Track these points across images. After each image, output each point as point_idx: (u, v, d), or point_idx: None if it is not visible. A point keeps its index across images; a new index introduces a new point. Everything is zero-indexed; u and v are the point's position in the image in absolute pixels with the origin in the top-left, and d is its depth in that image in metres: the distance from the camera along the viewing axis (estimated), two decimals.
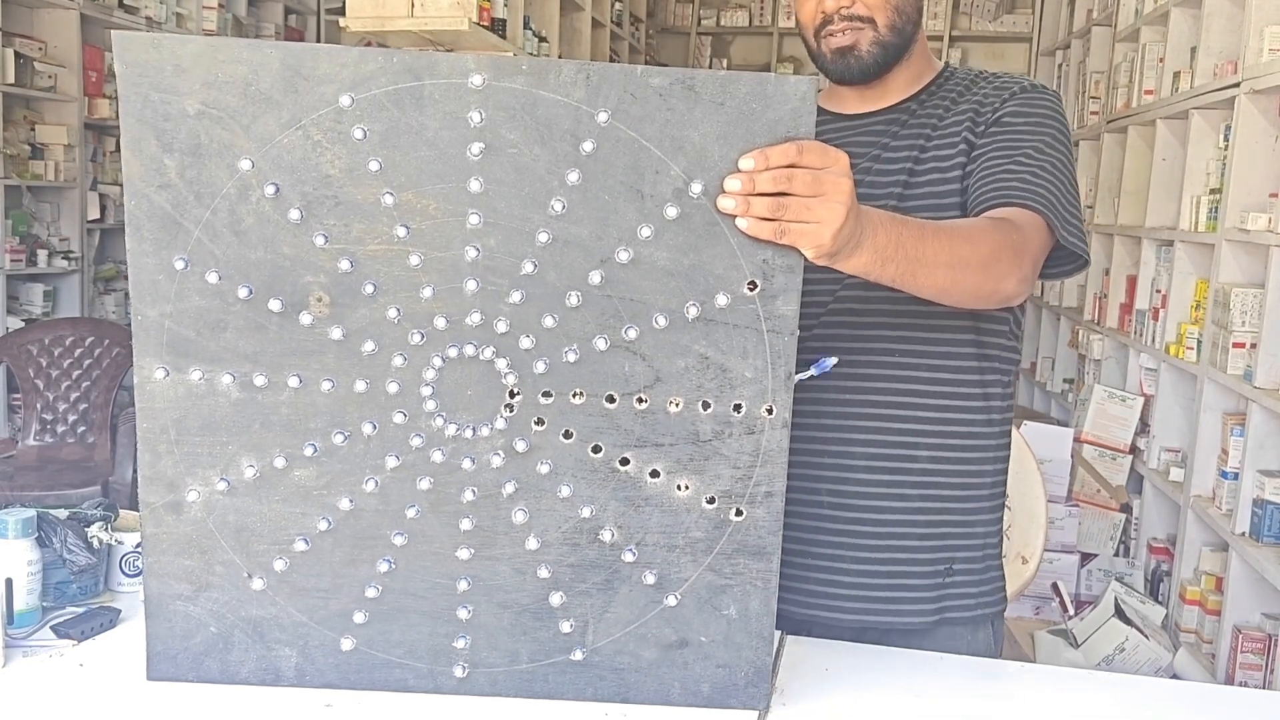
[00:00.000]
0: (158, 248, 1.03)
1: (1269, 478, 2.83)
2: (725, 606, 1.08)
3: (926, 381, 1.31)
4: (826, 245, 0.98)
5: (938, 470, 1.32)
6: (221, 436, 1.06)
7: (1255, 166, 3.10)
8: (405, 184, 1.01)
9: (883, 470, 1.31)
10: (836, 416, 1.32)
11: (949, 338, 1.32)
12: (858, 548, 1.32)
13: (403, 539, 1.07)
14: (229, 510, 1.07)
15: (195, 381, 1.05)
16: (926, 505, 1.32)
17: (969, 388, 1.33)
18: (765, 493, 1.06)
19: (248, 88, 1.00)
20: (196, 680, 1.09)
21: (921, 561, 1.32)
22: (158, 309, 1.04)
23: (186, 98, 1.00)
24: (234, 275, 1.03)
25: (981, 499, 1.36)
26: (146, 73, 1.00)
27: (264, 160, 1.01)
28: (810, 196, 0.96)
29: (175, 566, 1.08)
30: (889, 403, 1.31)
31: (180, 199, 1.02)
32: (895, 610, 1.32)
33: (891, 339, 1.31)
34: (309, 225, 1.02)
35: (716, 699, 1.09)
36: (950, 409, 1.32)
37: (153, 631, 1.09)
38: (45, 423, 3.78)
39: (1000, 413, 1.36)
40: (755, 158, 0.97)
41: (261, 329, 1.04)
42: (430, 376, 1.05)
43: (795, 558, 1.33)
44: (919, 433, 1.31)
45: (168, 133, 1.01)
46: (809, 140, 0.98)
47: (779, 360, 1.04)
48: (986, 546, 1.36)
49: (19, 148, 4.85)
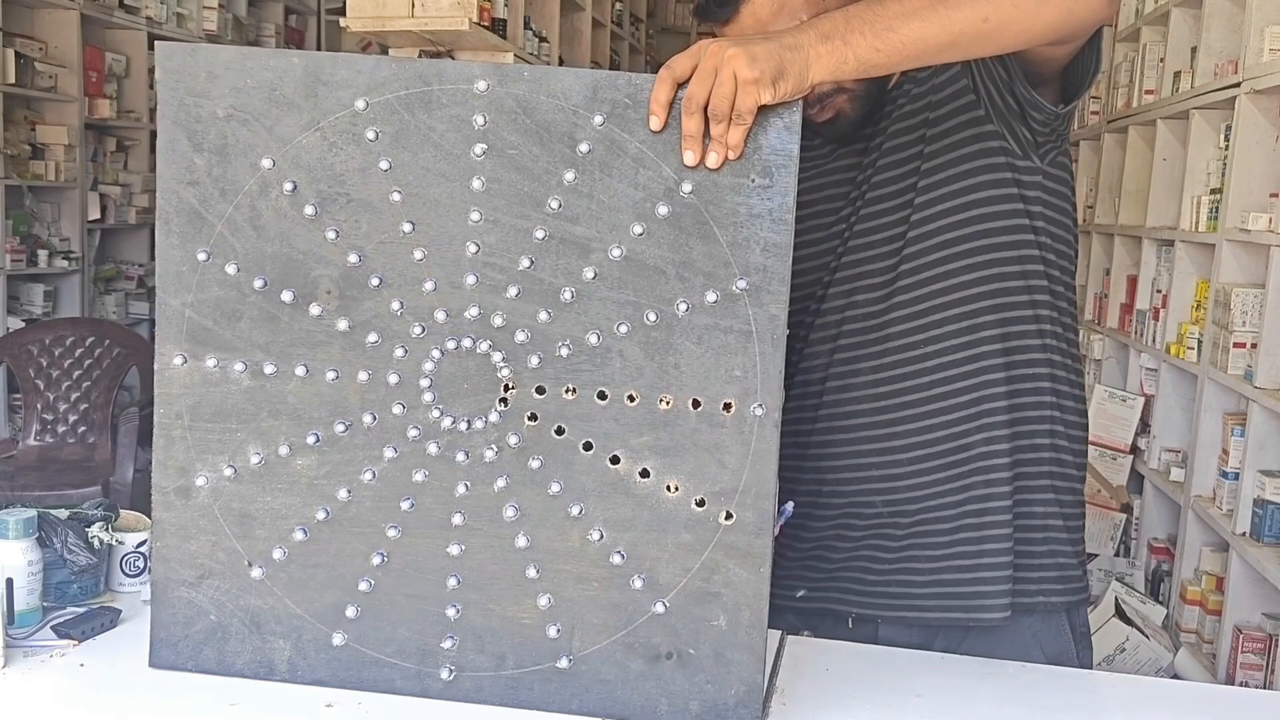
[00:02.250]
0: (184, 241, 1.09)
1: (1269, 478, 2.83)
2: (714, 616, 1.07)
3: (951, 367, 1.26)
4: (755, 73, 0.98)
5: (997, 451, 1.26)
6: (231, 423, 1.10)
7: (1256, 166, 3.10)
8: (412, 182, 1.06)
9: (935, 469, 1.27)
10: (873, 424, 1.28)
11: (970, 324, 1.25)
12: (924, 546, 1.28)
13: (396, 532, 1.09)
14: (234, 497, 1.11)
15: (210, 369, 1.10)
16: (986, 492, 1.26)
17: (998, 371, 1.26)
18: (755, 494, 1.06)
19: (272, 92, 1.07)
20: (195, 670, 1.11)
21: (990, 553, 1.26)
22: (180, 298, 1.09)
23: (217, 101, 1.07)
24: (251, 267, 1.09)
25: (1038, 478, 1.29)
26: (183, 79, 1.08)
27: (284, 159, 1.07)
28: (715, 86, 0.98)
29: (181, 551, 1.11)
30: (928, 397, 1.26)
31: (206, 195, 1.08)
32: (973, 605, 1.27)
33: (907, 336, 1.27)
34: (322, 220, 1.08)
35: (705, 718, 1.08)
36: (998, 381, 1.26)
37: (157, 618, 1.12)
38: (46, 423, 3.79)
39: (1051, 366, 1.28)
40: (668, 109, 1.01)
41: (273, 319, 1.09)
42: (429, 368, 1.08)
43: (868, 562, 1.30)
44: (967, 417, 1.26)
45: (199, 134, 1.08)
46: (665, 71, 1.01)
47: (768, 359, 1.05)
48: (1049, 529, 1.30)
49: (19, 148, 4.86)
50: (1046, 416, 1.29)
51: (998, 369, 1.26)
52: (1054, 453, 1.30)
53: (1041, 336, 1.28)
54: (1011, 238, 1.26)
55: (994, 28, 1.04)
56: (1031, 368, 1.28)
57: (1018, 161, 1.26)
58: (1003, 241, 1.26)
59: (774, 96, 0.99)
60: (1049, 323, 1.29)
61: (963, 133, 1.25)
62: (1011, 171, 1.25)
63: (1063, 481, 1.31)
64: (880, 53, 1.03)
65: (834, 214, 1.32)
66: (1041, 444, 1.29)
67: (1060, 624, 1.31)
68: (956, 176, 1.25)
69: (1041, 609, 1.30)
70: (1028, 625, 1.29)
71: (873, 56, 1.03)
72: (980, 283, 1.26)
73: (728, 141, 1.01)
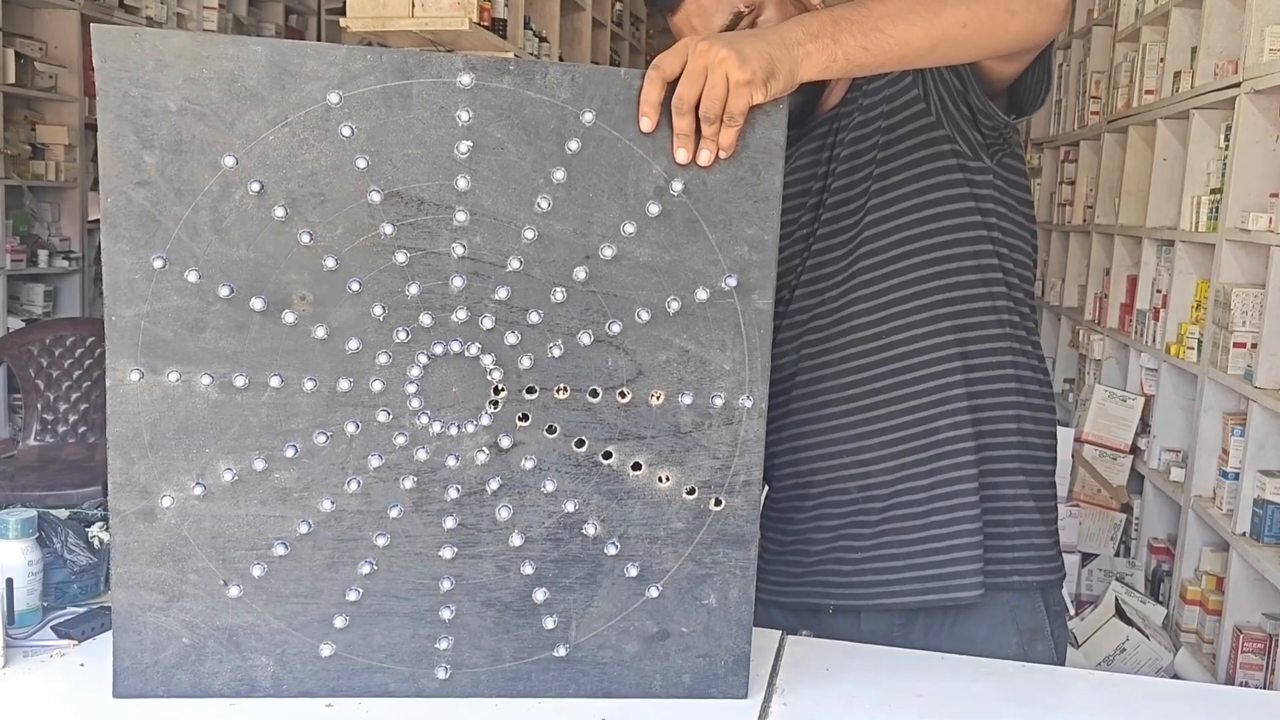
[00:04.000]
0: (135, 246, 1.00)
1: (1269, 478, 2.83)
2: (705, 596, 1.10)
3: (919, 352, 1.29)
4: (747, 75, 0.98)
5: (960, 436, 1.29)
6: (199, 440, 1.03)
7: (1256, 166, 3.10)
8: (393, 181, 1.01)
9: (904, 452, 1.30)
10: (843, 413, 1.31)
11: (919, 304, 1.29)
12: (897, 531, 1.31)
13: (385, 540, 1.06)
14: (205, 516, 1.04)
15: (172, 383, 1.02)
16: (953, 474, 1.29)
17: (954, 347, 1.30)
18: (743, 482, 1.08)
19: (232, 84, 0.99)
20: (166, 695, 1.06)
21: (962, 534, 1.29)
22: (134, 309, 1.01)
23: (168, 93, 0.99)
24: (215, 274, 1.01)
25: (1006, 461, 1.32)
26: (126, 67, 0.99)
27: (248, 157, 1.00)
28: (706, 89, 0.98)
29: (147, 576, 1.04)
30: (895, 383, 1.29)
31: (160, 197, 1.00)
32: (948, 585, 1.29)
33: (869, 329, 1.30)
34: (293, 223, 1.01)
35: (698, 689, 1.11)
36: (958, 369, 1.29)
37: (120, 646, 1.05)
38: (46, 423, 3.78)
39: (1013, 354, 1.32)
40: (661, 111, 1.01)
41: (242, 328, 1.02)
42: (415, 374, 1.05)
43: (843, 553, 1.32)
44: (932, 403, 1.29)
45: (147, 129, 0.99)
46: (654, 71, 1.00)
47: (755, 352, 1.07)
48: (1020, 510, 1.32)
49: (19, 148, 4.86)
50: (1012, 403, 1.32)
51: (955, 358, 1.30)
52: (1021, 436, 1.33)
53: (1001, 326, 1.32)
54: (966, 234, 1.30)
55: (970, 34, 1.08)
56: (993, 356, 1.31)
57: (969, 162, 1.30)
58: (957, 238, 1.30)
59: (765, 96, 1.00)
60: (1007, 313, 1.33)
61: (915, 138, 1.30)
62: (963, 172, 1.30)
63: (1032, 464, 1.35)
64: (868, 53, 1.05)
65: (796, 223, 1.36)
66: (1008, 429, 1.32)
67: (1035, 601, 1.35)
68: (910, 179, 1.29)
69: (1017, 586, 1.33)
70: (1004, 601, 1.32)
71: (860, 56, 1.05)
72: (936, 277, 1.29)
73: (720, 142, 1.02)
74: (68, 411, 3.80)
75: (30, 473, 3.57)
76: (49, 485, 3.44)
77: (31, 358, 3.80)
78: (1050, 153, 6.15)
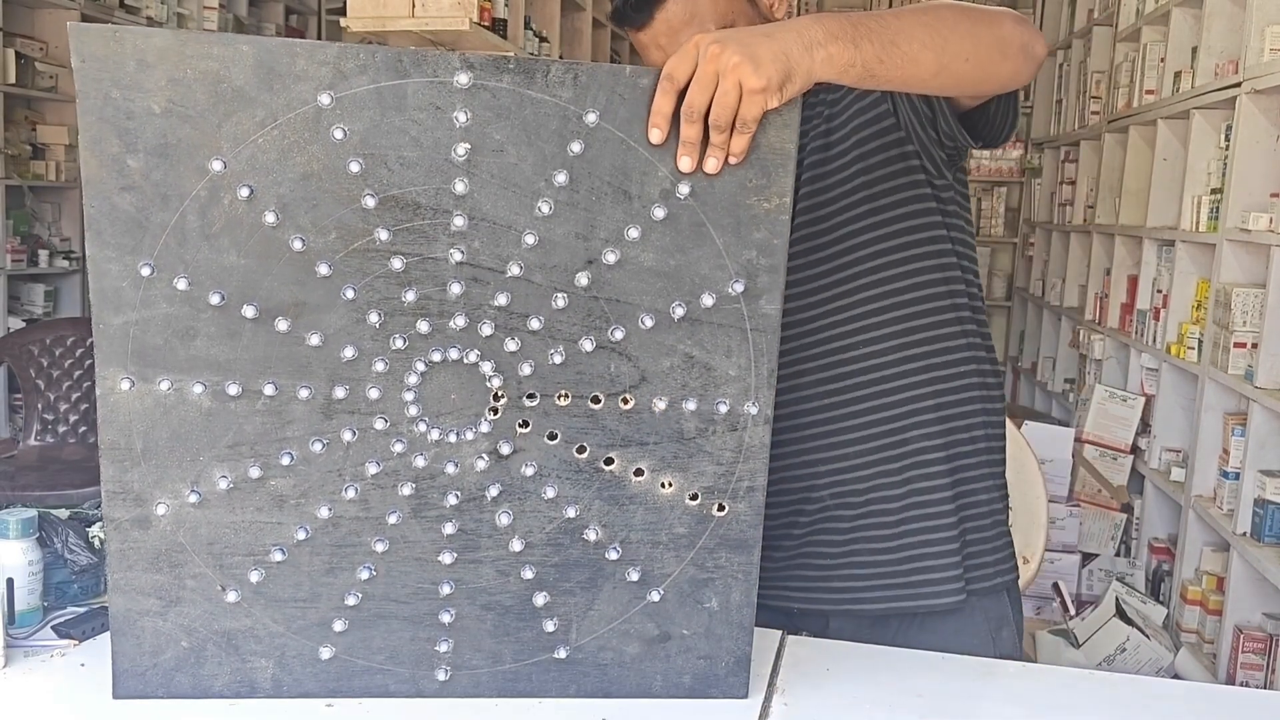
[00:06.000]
0: (121, 253, 0.98)
1: (1270, 478, 2.83)
2: (707, 599, 1.09)
3: (893, 363, 1.32)
4: (762, 82, 0.94)
5: (931, 447, 1.32)
6: (192, 448, 1.02)
7: (1256, 166, 3.10)
8: (388, 185, 0.98)
9: (878, 461, 1.31)
10: (819, 422, 1.32)
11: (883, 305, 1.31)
12: (869, 540, 1.32)
13: (384, 545, 1.05)
14: (200, 523, 1.03)
15: (164, 392, 1.00)
16: (926, 484, 1.32)
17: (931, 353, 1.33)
18: (747, 487, 1.07)
19: (219, 85, 0.95)
20: (166, 696, 1.06)
21: (937, 542, 1.31)
22: (122, 317, 0.99)
23: (152, 95, 0.95)
24: (205, 281, 0.99)
25: (979, 467, 1.35)
26: (107, 68, 0.94)
27: (237, 161, 0.97)
28: (718, 95, 0.95)
29: (144, 582, 1.04)
30: (870, 394, 1.31)
31: (145, 202, 0.97)
32: (923, 593, 1.32)
33: (846, 338, 1.32)
34: (285, 229, 0.98)
35: (698, 690, 1.10)
36: (926, 380, 1.32)
37: (119, 649, 1.05)
38: (46, 423, 3.78)
39: (977, 363, 1.35)
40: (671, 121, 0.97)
41: (235, 336, 1.00)
42: (413, 381, 1.03)
43: (810, 559, 1.34)
44: (904, 414, 1.31)
45: (131, 132, 0.96)
46: (665, 80, 0.96)
47: (762, 358, 1.05)
48: (994, 514, 1.36)
49: (20, 148, 4.86)
50: (978, 410, 1.35)
51: (922, 370, 1.32)
52: (988, 442, 1.36)
53: (965, 336, 1.35)
54: (933, 247, 1.33)
55: (969, 69, 1.08)
56: (959, 366, 1.34)
57: (935, 180, 1.33)
58: (926, 251, 1.32)
59: (779, 101, 0.96)
60: (970, 322, 1.35)
61: (886, 153, 1.31)
62: (930, 188, 1.32)
63: (998, 467, 1.39)
64: (883, 65, 1.02)
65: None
66: (977, 435, 1.35)
67: (1002, 595, 1.38)
68: (881, 194, 1.31)
69: (997, 588, 1.37)
70: (977, 605, 1.35)
71: (876, 67, 1.02)
72: (907, 290, 1.32)
73: (731, 149, 0.98)
74: (68, 411, 3.80)
75: (30, 473, 3.57)
76: (49, 485, 3.44)
77: (32, 358, 3.80)
78: (1051, 152, 6.15)
